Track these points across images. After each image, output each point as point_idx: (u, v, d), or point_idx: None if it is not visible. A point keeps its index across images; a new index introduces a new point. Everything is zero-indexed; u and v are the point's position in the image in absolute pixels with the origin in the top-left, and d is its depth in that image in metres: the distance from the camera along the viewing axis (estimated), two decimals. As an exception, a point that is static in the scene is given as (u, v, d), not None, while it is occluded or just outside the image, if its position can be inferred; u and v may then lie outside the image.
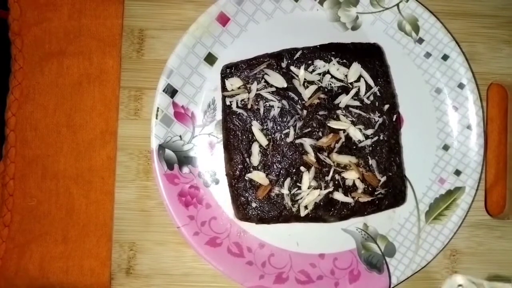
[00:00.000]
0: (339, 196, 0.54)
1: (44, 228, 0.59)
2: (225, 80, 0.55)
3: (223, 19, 0.58)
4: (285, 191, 0.54)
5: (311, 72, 0.55)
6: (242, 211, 0.55)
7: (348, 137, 0.55)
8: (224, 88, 0.56)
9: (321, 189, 0.54)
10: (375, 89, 0.55)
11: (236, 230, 0.58)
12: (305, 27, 0.59)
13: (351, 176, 0.54)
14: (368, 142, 0.55)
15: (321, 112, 0.55)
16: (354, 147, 0.55)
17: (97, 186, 0.60)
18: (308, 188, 0.54)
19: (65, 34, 0.61)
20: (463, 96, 0.59)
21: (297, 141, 0.54)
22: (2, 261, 0.59)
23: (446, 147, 0.59)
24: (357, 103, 0.55)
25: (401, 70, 0.59)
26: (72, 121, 0.60)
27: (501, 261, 0.61)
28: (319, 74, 0.55)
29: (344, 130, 0.55)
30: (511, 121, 0.62)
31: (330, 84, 0.55)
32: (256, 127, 0.54)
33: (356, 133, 0.55)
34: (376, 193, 0.55)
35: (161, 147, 0.57)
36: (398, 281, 0.57)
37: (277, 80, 0.55)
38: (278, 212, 0.54)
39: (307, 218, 0.55)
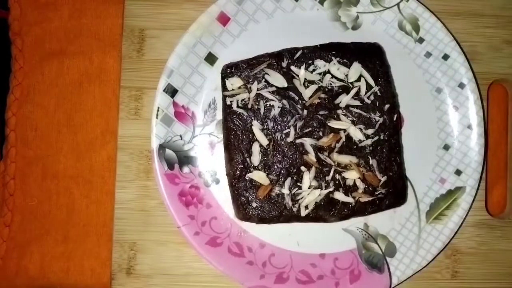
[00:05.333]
0: (339, 196, 0.54)
1: (44, 228, 0.59)
2: (226, 79, 0.55)
3: (224, 19, 0.58)
4: (285, 191, 0.54)
5: (312, 72, 0.55)
6: (243, 211, 0.55)
7: (348, 137, 0.55)
8: (224, 88, 0.56)
9: (321, 189, 0.54)
10: (376, 88, 0.55)
11: (236, 230, 0.58)
12: (306, 26, 0.59)
13: (351, 176, 0.54)
14: (369, 142, 0.55)
15: (321, 112, 0.55)
16: (355, 147, 0.55)
17: (97, 186, 0.60)
18: (309, 188, 0.54)
19: (65, 34, 0.61)
20: (464, 96, 0.59)
21: (298, 140, 0.54)
22: (2, 260, 0.59)
23: (446, 147, 0.59)
24: (357, 102, 0.55)
25: (401, 69, 0.59)
26: (72, 121, 0.60)
27: (502, 261, 0.61)
28: (320, 73, 0.55)
29: (344, 130, 0.55)
30: (512, 121, 0.62)
31: (331, 84, 0.55)
32: (256, 126, 0.54)
33: (356, 133, 0.55)
34: (376, 193, 0.55)
35: (162, 147, 0.57)
36: (399, 281, 0.57)
37: (278, 80, 0.55)
38: (279, 212, 0.54)
39: (308, 218, 0.55)
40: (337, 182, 0.55)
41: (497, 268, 0.60)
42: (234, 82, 0.55)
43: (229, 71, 0.55)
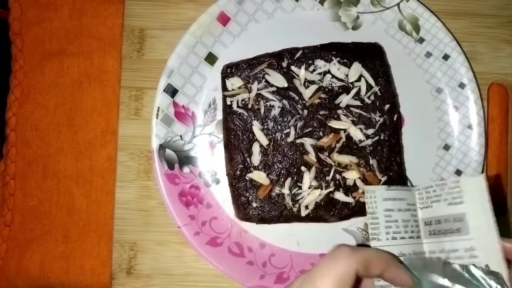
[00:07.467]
0: (340, 196, 0.54)
1: (44, 228, 0.59)
2: (226, 79, 0.55)
3: (224, 19, 0.58)
4: (285, 191, 0.54)
5: (312, 72, 0.55)
6: (243, 211, 0.55)
7: (348, 137, 0.55)
8: (224, 88, 0.56)
9: (321, 189, 0.54)
10: (376, 88, 0.55)
11: (236, 230, 0.58)
12: (306, 26, 0.59)
13: (351, 176, 0.54)
14: (369, 142, 0.55)
15: (321, 112, 0.55)
16: (355, 147, 0.55)
17: (97, 186, 0.60)
18: (309, 188, 0.54)
19: (65, 33, 0.61)
20: (464, 96, 0.59)
21: (298, 141, 0.54)
22: (2, 261, 0.59)
23: (447, 147, 0.59)
24: (357, 102, 0.55)
25: (401, 69, 0.59)
26: (72, 120, 0.60)
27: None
28: (320, 73, 0.55)
29: (344, 130, 0.55)
30: (512, 121, 0.62)
31: (331, 84, 0.55)
32: (256, 127, 0.54)
33: (356, 133, 0.55)
34: (377, 193, 0.55)
35: (162, 147, 0.57)
36: (399, 281, 0.57)
37: (278, 80, 0.55)
38: (279, 212, 0.54)
39: (308, 218, 0.55)
40: (337, 182, 0.55)
41: (497, 268, 0.60)
42: (234, 82, 0.55)
43: (229, 71, 0.55)
